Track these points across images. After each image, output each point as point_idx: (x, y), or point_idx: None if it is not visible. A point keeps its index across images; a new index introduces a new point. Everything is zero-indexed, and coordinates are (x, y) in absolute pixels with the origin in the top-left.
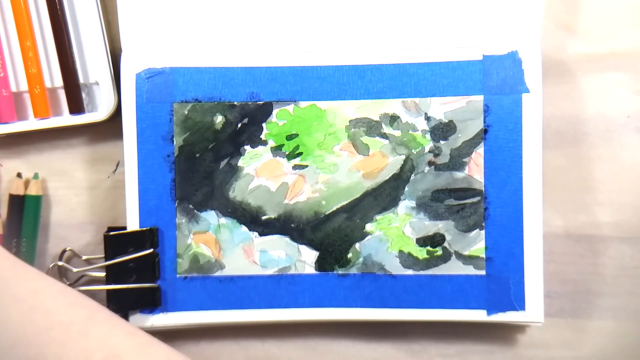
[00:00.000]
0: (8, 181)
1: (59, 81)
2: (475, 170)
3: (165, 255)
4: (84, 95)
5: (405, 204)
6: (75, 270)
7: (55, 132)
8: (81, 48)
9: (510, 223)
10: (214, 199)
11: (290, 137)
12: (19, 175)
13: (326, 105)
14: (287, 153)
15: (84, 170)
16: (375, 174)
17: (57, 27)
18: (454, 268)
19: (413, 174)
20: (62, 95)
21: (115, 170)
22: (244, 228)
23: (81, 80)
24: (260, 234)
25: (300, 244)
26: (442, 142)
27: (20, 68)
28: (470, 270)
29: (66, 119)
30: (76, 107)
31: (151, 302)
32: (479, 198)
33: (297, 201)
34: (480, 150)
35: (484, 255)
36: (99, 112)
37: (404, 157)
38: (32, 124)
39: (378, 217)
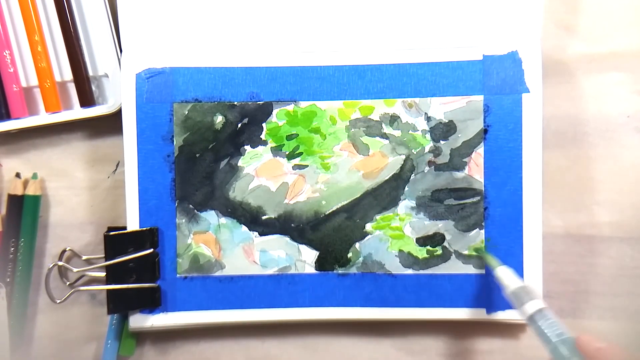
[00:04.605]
0: (7, 181)
1: (68, 75)
2: (475, 170)
3: (165, 255)
4: (93, 88)
5: (405, 204)
6: (75, 270)
7: (56, 131)
8: (89, 41)
9: (510, 223)
10: (214, 199)
11: (290, 137)
12: (17, 175)
13: (326, 105)
14: (287, 153)
15: (84, 170)
16: (375, 173)
17: (65, 20)
18: (453, 267)
19: (413, 174)
20: (72, 88)
21: (115, 170)
22: (244, 228)
23: (90, 73)
24: (260, 234)
25: (300, 243)
26: (442, 142)
27: (29, 63)
28: (470, 269)
29: (77, 112)
30: (86, 100)
31: (151, 302)
32: (478, 198)
33: (297, 201)
34: (480, 150)
35: None
36: (109, 105)
37: (404, 157)
38: (43, 118)
39: (378, 216)
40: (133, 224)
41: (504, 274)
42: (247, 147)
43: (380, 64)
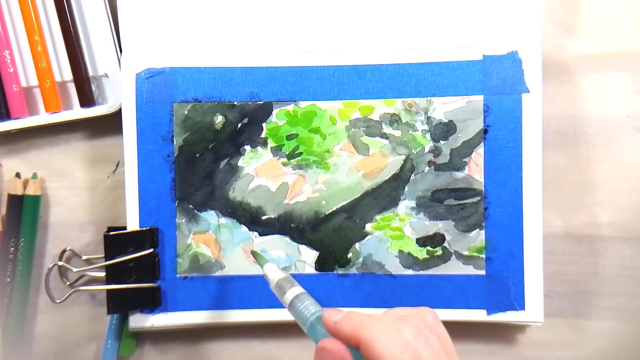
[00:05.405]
0: (7, 181)
1: (68, 75)
2: (475, 170)
3: (165, 255)
4: (93, 88)
5: (405, 204)
6: (75, 270)
7: (56, 131)
8: (89, 41)
9: (510, 223)
10: (214, 199)
11: (290, 137)
12: (17, 175)
13: (326, 105)
14: (287, 153)
15: (84, 170)
16: (375, 174)
17: (65, 20)
18: (453, 268)
19: (413, 174)
20: (72, 88)
21: (115, 170)
22: (244, 228)
23: (90, 73)
24: (260, 234)
25: (300, 243)
26: (442, 142)
27: (29, 63)
28: (470, 270)
29: (77, 112)
30: (86, 100)
31: (151, 302)
32: (479, 198)
33: (297, 201)
34: (480, 150)
35: (483, 255)
36: (109, 105)
37: (404, 157)
38: (43, 118)
39: (378, 217)
40: (133, 224)
41: (269, 270)
42: (247, 147)
43: (380, 64)
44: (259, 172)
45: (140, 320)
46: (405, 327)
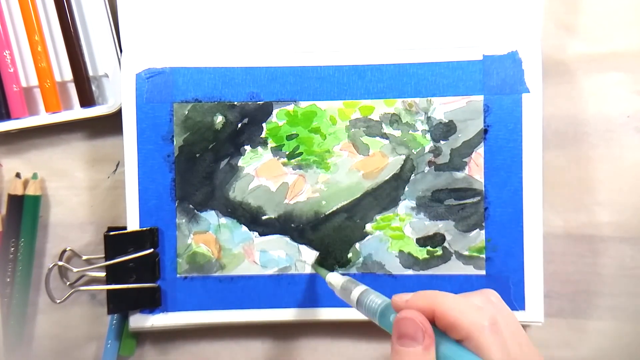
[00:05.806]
0: (7, 181)
1: (68, 75)
2: (475, 170)
3: (165, 255)
4: (94, 88)
5: (405, 204)
6: (75, 270)
7: (56, 131)
8: (89, 41)
9: (510, 223)
10: (214, 199)
11: (290, 137)
12: (17, 175)
13: (326, 105)
14: (287, 153)
15: (84, 170)
16: (375, 174)
17: (65, 20)
18: (454, 268)
19: (413, 174)
20: (72, 88)
21: (115, 170)
22: (244, 228)
23: (90, 73)
24: (260, 234)
25: (300, 243)
26: (442, 142)
27: (29, 63)
28: (470, 270)
29: (77, 112)
30: (87, 100)
31: (151, 302)
32: (479, 198)
33: (297, 201)
34: (480, 150)
35: (484, 255)
36: (109, 105)
37: (404, 157)
38: (43, 118)
39: (378, 217)
40: (133, 224)
41: (332, 278)
42: (247, 147)
43: (380, 64)
44: (259, 172)
45: (140, 320)
46: (474, 298)
